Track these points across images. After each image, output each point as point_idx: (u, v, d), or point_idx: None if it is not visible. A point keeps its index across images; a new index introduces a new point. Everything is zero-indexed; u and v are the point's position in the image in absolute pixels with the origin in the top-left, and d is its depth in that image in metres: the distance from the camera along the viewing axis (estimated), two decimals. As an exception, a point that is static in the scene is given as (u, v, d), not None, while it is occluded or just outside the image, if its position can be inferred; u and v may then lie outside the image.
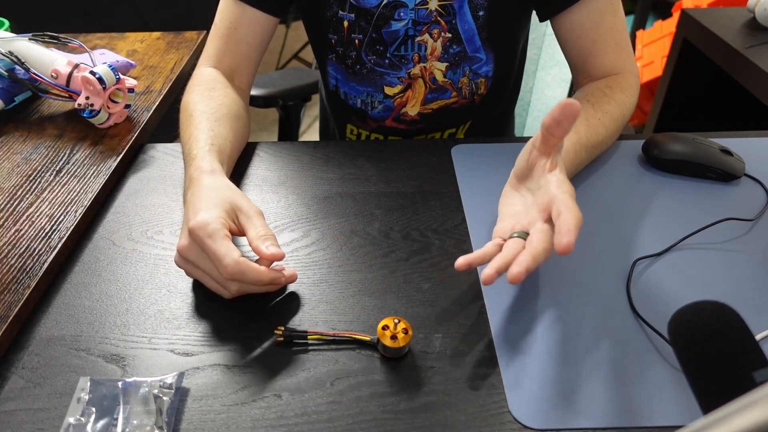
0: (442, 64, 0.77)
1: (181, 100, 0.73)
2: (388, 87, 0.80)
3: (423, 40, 0.75)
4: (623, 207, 0.64)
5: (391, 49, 0.76)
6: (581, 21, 0.72)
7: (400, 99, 0.81)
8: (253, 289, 0.52)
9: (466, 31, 0.75)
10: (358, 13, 0.75)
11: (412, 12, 0.73)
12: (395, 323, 0.48)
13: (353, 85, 0.82)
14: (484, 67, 0.79)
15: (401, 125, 0.84)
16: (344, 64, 0.80)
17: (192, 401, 0.45)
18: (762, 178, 0.68)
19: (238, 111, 0.72)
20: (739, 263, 0.57)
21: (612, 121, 0.68)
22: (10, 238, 0.59)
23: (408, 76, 0.79)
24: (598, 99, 0.69)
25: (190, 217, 0.51)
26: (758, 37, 1.23)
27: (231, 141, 0.66)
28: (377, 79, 0.80)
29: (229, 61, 0.78)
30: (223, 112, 0.68)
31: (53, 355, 0.49)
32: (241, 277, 0.49)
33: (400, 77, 0.79)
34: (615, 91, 0.70)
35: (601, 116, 0.67)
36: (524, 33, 0.85)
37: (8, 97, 0.79)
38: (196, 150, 0.60)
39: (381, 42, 0.76)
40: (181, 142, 0.67)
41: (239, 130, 0.70)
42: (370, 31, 0.75)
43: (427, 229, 0.62)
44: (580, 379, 0.46)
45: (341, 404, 0.45)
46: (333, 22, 0.77)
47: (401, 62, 0.78)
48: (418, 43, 0.76)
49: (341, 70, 0.81)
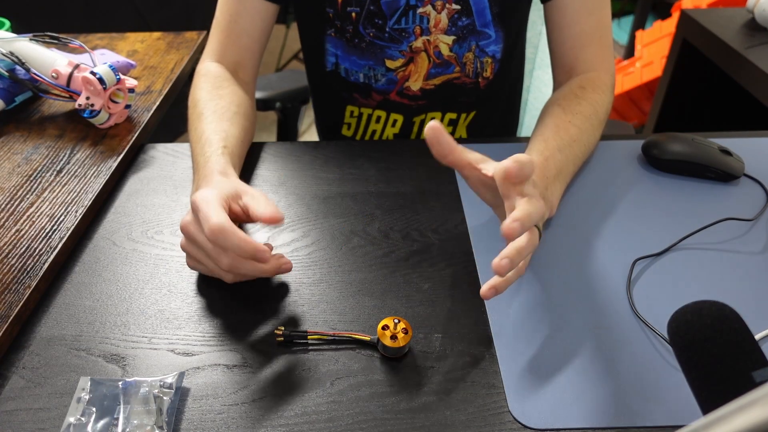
0: (449, 37, 0.76)
1: (189, 96, 0.74)
2: (389, 60, 0.79)
3: (425, 11, 0.74)
4: (623, 207, 0.64)
5: (391, 23, 0.75)
6: (574, 7, 0.73)
7: (403, 72, 0.80)
8: (246, 268, 0.51)
9: (477, 2, 0.74)
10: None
11: None
12: (395, 323, 0.48)
13: (354, 59, 0.81)
14: (492, 46, 0.78)
15: (404, 99, 0.83)
16: (344, 38, 0.79)
17: (192, 401, 0.45)
18: (762, 178, 0.68)
19: (247, 109, 0.72)
20: (739, 263, 0.57)
21: (585, 119, 0.68)
22: (11, 238, 0.59)
23: (410, 49, 0.78)
24: (568, 102, 0.69)
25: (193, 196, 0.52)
26: (758, 38, 1.23)
27: (242, 141, 0.67)
28: (378, 52, 0.79)
29: (233, 55, 0.78)
30: (233, 111, 0.68)
31: (53, 355, 0.49)
32: (224, 239, 0.48)
33: (401, 50, 0.78)
34: (587, 91, 0.71)
35: (571, 118, 0.67)
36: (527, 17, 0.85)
37: (9, 97, 0.79)
38: (209, 152, 0.61)
39: (380, 15, 0.75)
40: (190, 139, 0.67)
41: (248, 129, 0.71)
42: (368, 4, 0.74)
43: (427, 229, 0.62)
44: (580, 379, 0.47)
45: (341, 404, 0.45)
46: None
47: (402, 35, 0.76)
48: (420, 15, 0.75)
49: (341, 44, 0.80)
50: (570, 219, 0.63)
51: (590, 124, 0.68)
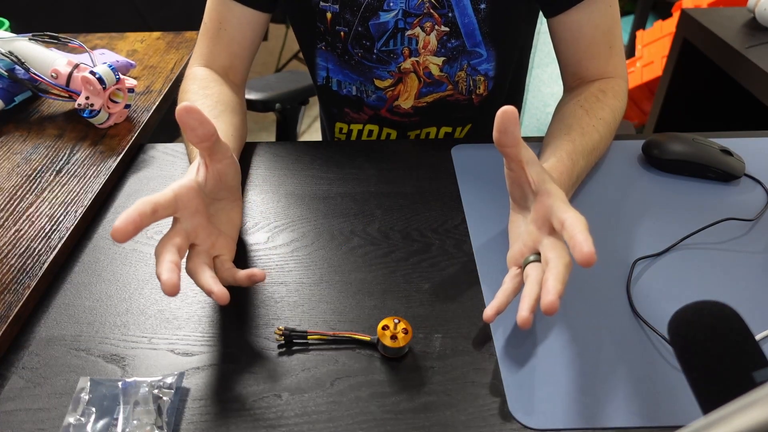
0: (439, 58, 0.75)
1: (177, 100, 0.73)
2: (378, 80, 0.79)
3: (414, 33, 0.73)
4: (623, 207, 0.64)
5: (378, 45, 0.74)
6: (580, 22, 0.71)
7: (392, 92, 0.80)
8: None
9: (466, 24, 0.73)
10: (342, 4, 0.73)
11: (402, 2, 0.71)
12: (395, 323, 0.48)
13: (347, 72, 0.80)
14: (485, 65, 0.77)
15: (395, 117, 0.83)
16: (335, 53, 0.78)
17: (192, 401, 0.45)
18: (762, 178, 0.68)
19: (235, 106, 0.72)
20: (739, 263, 0.57)
21: (605, 126, 0.68)
22: (10, 238, 0.59)
23: (398, 70, 0.77)
24: (591, 105, 0.68)
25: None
26: (758, 37, 1.23)
27: (232, 135, 0.66)
28: (366, 71, 0.78)
29: (222, 61, 0.77)
30: (220, 109, 0.68)
31: (53, 355, 0.49)
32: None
33: (390, 71, 0.77)
34: (608, 96, 0.70)
35: (595, 123, 0.67)
36: (528, 33, 0.83)
37: (8, 97, 0.79)
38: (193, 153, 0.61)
39: (367, 36, 0.74)
40: (184, 141, 0.68)
41: (238, 125, 0.70)
42: (356, 24, 0.73)
43: (427, 229, 0.62)
44: (580, 379, 0.46)
45: (341, 404, 0.45)
46: (317, 11, 0.75)
47: (390, 57, 0.75)
48: (408, 37, 0.73)
49: (332, 58, 0.79)
50: (570, 219, 0.63)
51: (609, 131, 0.68)
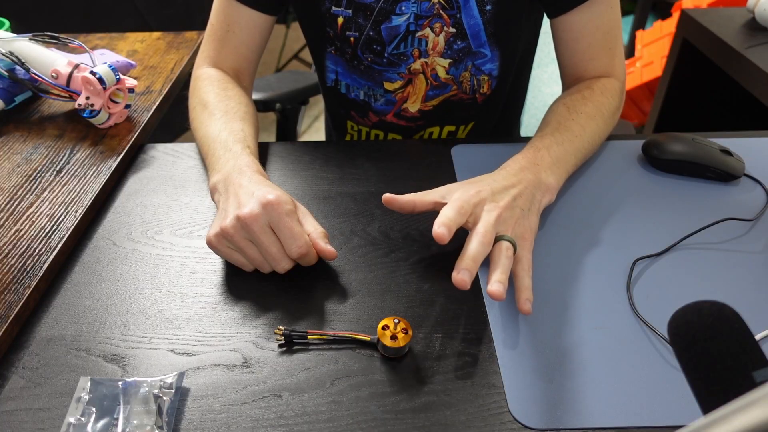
0: (445, 60, 0.76)
1: (190, 99, 0.74)
2: (387, 83, 0.79)
3: (424, 34, 0.74)
4: (623, 207, 0.64)
5: (390, 48, 0.75)
6: (581, 23, 0.71)
7: (401, 94, 0.80)
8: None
9: (472, 26, 0.73)
10: (356, 9, 0.73)
11: (414, 5, 0.72)
12: (395, 323, 0.48)
13: (355, 77, 0.81)
14: (488, 64, 0.78)
15: (401, 121, 0.83)
16: (344, 58, 0.79)
17: (192, 401, 0.45)
18: (762, 178, 0.68)
19: (253, 111, 0.74)
20: (739, 263, 0.57)
21: (588, 118, 0.68)
22: (11, 238, 0.59)
23: (408, 71, 0.78)
24: (574, 102, 0.70)
25: (263, 193, 0.53)
26: (758, 37, 1.23)
27: (256, 139, 0.68)
28: (376, 75, 0.79)
29: (231, 63, 0.78)
30: (244, 111, 0.70)
31: (53, 355, 0.49)
32: (306, 258, 0.53)
33: (399, 72, 0.78)
34: (595, 92, 0.71)
35: (574, 117, 0.67)
36: (532, 33, 0.84)
37: (8, 97, 0.79)
38: (235, 148, 0.61)
39: (378, 41, 0.75)
40: (200, 136, 0.68)
41: (257, 129, 0.72)
42: (367, 29, 0.74)
43: (426, 229, 0.62)
44: (580, 379, 0.46)
45: (341, 404, 0.45)
46: (328, 17, 0.76)
47: (400, 59, 0.76)
48: (419, 38, 0.74)
49: (341, 62, 0.80)
50: (570, 219, 0.63)
51: (594, 122, 0.69)
